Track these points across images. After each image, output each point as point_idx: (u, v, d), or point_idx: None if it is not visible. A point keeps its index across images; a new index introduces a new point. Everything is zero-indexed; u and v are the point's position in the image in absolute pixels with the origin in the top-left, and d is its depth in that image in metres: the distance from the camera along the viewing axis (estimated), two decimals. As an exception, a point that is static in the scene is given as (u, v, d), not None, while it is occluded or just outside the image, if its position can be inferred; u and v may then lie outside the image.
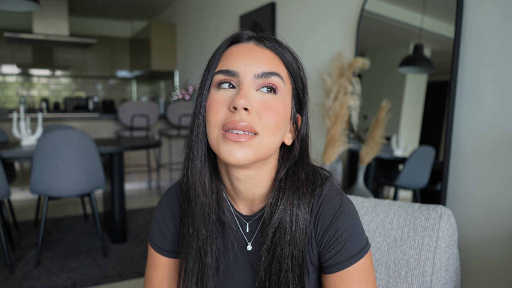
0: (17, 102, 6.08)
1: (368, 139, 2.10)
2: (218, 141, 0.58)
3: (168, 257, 0.70)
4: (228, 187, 0.66)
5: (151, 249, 0.72)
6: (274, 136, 0.58)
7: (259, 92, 0.58)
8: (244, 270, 0.68)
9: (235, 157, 0.56)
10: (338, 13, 2.44)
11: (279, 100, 0.59)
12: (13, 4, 3.06)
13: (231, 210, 0.67)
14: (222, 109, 0.58)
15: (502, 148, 1.55)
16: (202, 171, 0.62)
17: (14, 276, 2.26)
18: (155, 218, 0.72)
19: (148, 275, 0.72)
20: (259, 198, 0.65)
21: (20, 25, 5.86)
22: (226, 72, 0.59)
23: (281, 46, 0.62)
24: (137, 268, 2.40)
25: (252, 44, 0.61)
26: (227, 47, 0.63)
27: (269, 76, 0.58)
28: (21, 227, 3.19)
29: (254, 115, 0.57)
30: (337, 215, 0.62)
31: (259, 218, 0.66)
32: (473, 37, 1.65)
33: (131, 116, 4.29)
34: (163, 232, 0.70)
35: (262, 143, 0.57)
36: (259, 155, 0.58)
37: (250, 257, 0.67)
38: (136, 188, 4.90)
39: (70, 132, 2.37)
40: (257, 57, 0.59)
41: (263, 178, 0.63)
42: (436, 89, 1.84)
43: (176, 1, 5.40)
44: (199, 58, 4.71)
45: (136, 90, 7.08)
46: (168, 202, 0.72)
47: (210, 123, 0.59)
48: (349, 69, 2.14)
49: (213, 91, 0.60)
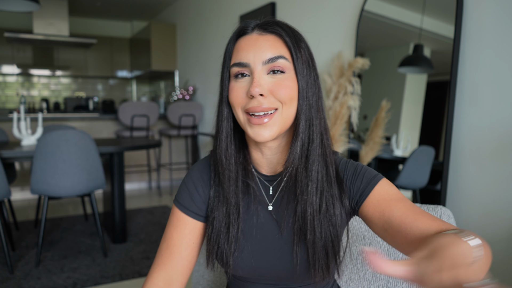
0: (17, 102, 6.08)
1: (368, 139, 2.10)
2: (246, 124, 0.69)
3: (191, 217, 0.77)
4: (254, 156, 0.76)
5: (175, 209, 0.78)
6: (291, 107, 0.68)
7: (270, 75, 0.68)
8: (266, 229, 0.74)
9: (261, 137, 0.67)
10: (338, 13, 2.44)
11: (288, 78, 0.68)
12: (13, 4, 3.06)
13: (255, 175, 0.77)
14: (242, 95, 0.68)
15: (502, 148, 1.55)
16: (228, 148, 0.72)
17: (14, 276, 2.26)
18: (185, 181, 0.80)
19: (168, 233, 0.77)
20: (284, 161, 0.74)
21: (20, 25, 5.86)
22: (239, 64, 0.68)
23: (281, 27, 0.70)
24: (137, 268, 2.40)
25: (256, 34, 0.70)
26: (235, 40, 0.72)
27: (275, 60, 0.67)
28: (21, 227, 3.19)
29: (269, 96, 0.67)
30: (348, 164, 0.75)
31: (282, 178, 0.75)
32: (473, 37, 1.65)
33: (131, 116, 4.29)
34: (191, 193, 0.78)
35: (283, 116, 0.68)
36: (282, 127, 0.69)
37: (273, 215, 0.75)
38: (136, 188, 4.90)
39: (70, 132, 2.37)
40: (262, 46, 0.68)
41: (285, 144, 0.73)
42: (436, 89, 1.84)
43: (176, 1, 5.40)
44: (199, 58, 4.71)
45: (136, 90, 7.08)
46: (199, 168, 0.80)
47: (236, 109, 0.70)
48: (349, 69, 2.14)
49: (233, 82, 0.70)
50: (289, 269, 0.71)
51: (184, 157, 5.02)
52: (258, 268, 0.73)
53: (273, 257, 0.72)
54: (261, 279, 0.75)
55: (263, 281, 0.75)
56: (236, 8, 3.81)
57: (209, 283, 1.09)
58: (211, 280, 1.09)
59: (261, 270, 0.73)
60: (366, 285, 0.93)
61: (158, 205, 4.05)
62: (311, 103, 0.69)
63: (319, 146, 0.70)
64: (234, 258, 0.73)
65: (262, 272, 0.73)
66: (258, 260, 0.73)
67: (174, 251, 0.75)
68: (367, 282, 0.93)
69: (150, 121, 4.42)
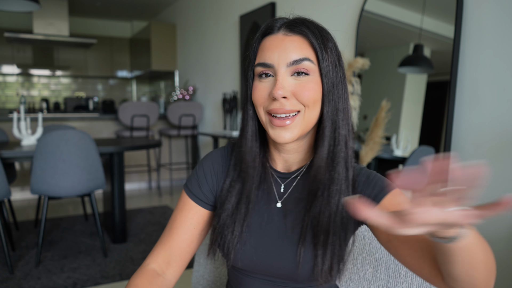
0: (17, 102, 6.08)
1: (368, 139, 2.10)
2: (267, 124, 0.69)
3: (196, 202, 0.78)
4: (272, 152, 0.77)
5: (183, 194, 0.80)
6: (314, 110, 0.68)
7: (293, 77, 0.67)
8: (272, 225, 0.75)
9: (282, 139, 0.67)
10: (338, 13, 2.44)
11: (312, 80, 0.67)
12: (13, 4, 3.06)
13: (271, 172, 0.77)
14: (265, 96, 0.68)
15: (502, 148, 1.55)
16: (253, 147, 0.74)
17: (14, 276, 2.26)
18: (196, 169, 0.81)
19: (173, 215, 0.80)
20: (299, 161, 0.76)
21: (20, 25, 5.86)
22: (263, 64, 0.68)
23: (308, 27, 0.68)
24: (137, 268, 2.40)
25: (282, 34, 0.68)
26: (261, 39, 0.71)
27: (300, 62, 0.66)
28: (21, 227, 3.19)
29: (292, 98, 0.66)
30: (362, 171, 0.75)
31: (296, 176, 0.76)
32: (473, 37, 1.65)
33: (131, 116, 4.29)
34: (200, 180, 0.79)
35: (304, 118, 0.67)
36: (303, 130, 0.68)
37: (281, 212, 0.75)
38: (136, 188, 4.90)
39: (70, 132, 2.37)
40: (287, 47, 0.67)
41: (305, 145, 0.74)
42: (436, 89, 1.84)
43: (176, 1, 5.40)
44: (199, 58, 4.71)
45: (136, 90, 7.08)
46: (212, 157, 0.81)
47: (258, 108, 0.70)
48: (349, 69, 2.14)
49: (256, 81, 0.70)
50: (290, 268, 0.71)
51: (184, 157, 5.02)
52: (258, 262, 0.73)
53: (276, 253, 0.72)
54: (260, 273, 0.75)
55: (263, 276, 0.75)
56: (236, 8, 3.81)
57: (209, 283, 1.09)
58: (211, 280, 1.09)
59: (261, 264, 0.73)
60: (366, 285, 0.93)
61: (158, 205, 4.05)
62: (337, 105, 0.68)
63: (344, 148, 0.70)
64: (236, 249, 0.73)
65: (262, 266, 0.73)
66: (259, 254, 0.73)
67: (174, 233, 0.77)
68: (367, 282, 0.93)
69: (150, 121, 4.42)
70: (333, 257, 0.69)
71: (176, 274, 0.78)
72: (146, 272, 0.75)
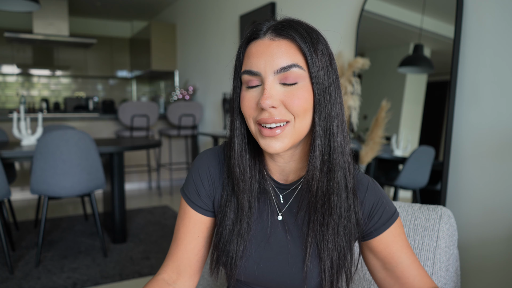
0: (17, 102, 6.08)
1: (368, 139, 2.10)
2: (257, 134, 0.66)
3: (196, 210, 0.75)
4: (267, 162, 0.73)
5: (183, 201, 0.78)
6: (305, 119, 0.64)
7: (282, 85, 0.63)
8: (274, 238, 0.73)
9: (272, 149, 0.64)
10: (338, 13, 2.44)
11: (302, 87, 0.63)
12: (13, 4, 3.06)
13: (269, 182, 0.74)
14: (253, 106, 0.64)
15: (502, 148, 1.55)
16: (243, 158, 0.70)
17: (14, 276, 2.26)
18: (191, 173, 0.77)
19: (176, 226, 0.78)
20: (296, 170, 0.72)
21: (20, 25, 5.86)
22: (249, 72, 0.64)
23: (296, 30, 0.63)
24: (137, 268, 2.40)
25: (268, 39, 0.63)
26: (247, 45, 0.67)
27: (288, 69, 0.61)
28: (21, 227, 3.19)
29: (281, 107, 0.62)
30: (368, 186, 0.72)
31: (295, 188, 0.73)
32: (473, 37, 1.65)
33: (131, 116, 4.29)
34: (197, 186, 0.76)
35: (295, 128, 0.64)
36: (295, 140, 0.65)
37: (283, 225, 0.73)
38: (136, 188, 4.90)
39: (70, 132, 2.37)
40: (274, 53, 0.62)
41: (300, 153, 0.70)
42: (436, 89, 1.84)
43: (176, 1, 5.40)
44: (199, 58, 4.71)
45: (136, 90, 7.08)
46: (207, 159, 0.77)
47: (247, 118, 0.66)
48: (349, 69, 2.14)
49: (244, 90, 0.66)
50: (296, 282, 0.70)
51: (184, 157, 5.02)
52: (260, 276, 0.72)
53: (279, 269, 0.71)
54: (263, 286, 0.74)
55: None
56: (236, 8, 3.81)
57: (209, 283, 1.09)
58: (211, 280, 1.09)
59: (263, 278, 0.72)
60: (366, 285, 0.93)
61: (158, 205, 4.05)
62: (330, 111, 0.64)
63: (341, 156, 0.66)
64: (239, 264, 0.71)
65: (264, 280, 0.72)
66: (262, 269, 0.72)
67: (179, 243, 0.76)
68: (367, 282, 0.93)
69: (150, 121, 4.42)
70: (339, 269, 0.68)
71: (188, 284, 0.76)
72: (156, 282, 0.74)
